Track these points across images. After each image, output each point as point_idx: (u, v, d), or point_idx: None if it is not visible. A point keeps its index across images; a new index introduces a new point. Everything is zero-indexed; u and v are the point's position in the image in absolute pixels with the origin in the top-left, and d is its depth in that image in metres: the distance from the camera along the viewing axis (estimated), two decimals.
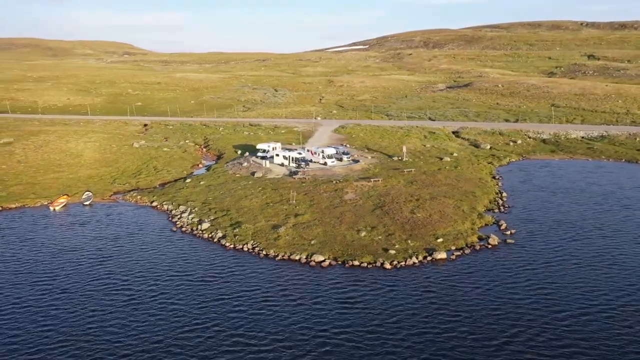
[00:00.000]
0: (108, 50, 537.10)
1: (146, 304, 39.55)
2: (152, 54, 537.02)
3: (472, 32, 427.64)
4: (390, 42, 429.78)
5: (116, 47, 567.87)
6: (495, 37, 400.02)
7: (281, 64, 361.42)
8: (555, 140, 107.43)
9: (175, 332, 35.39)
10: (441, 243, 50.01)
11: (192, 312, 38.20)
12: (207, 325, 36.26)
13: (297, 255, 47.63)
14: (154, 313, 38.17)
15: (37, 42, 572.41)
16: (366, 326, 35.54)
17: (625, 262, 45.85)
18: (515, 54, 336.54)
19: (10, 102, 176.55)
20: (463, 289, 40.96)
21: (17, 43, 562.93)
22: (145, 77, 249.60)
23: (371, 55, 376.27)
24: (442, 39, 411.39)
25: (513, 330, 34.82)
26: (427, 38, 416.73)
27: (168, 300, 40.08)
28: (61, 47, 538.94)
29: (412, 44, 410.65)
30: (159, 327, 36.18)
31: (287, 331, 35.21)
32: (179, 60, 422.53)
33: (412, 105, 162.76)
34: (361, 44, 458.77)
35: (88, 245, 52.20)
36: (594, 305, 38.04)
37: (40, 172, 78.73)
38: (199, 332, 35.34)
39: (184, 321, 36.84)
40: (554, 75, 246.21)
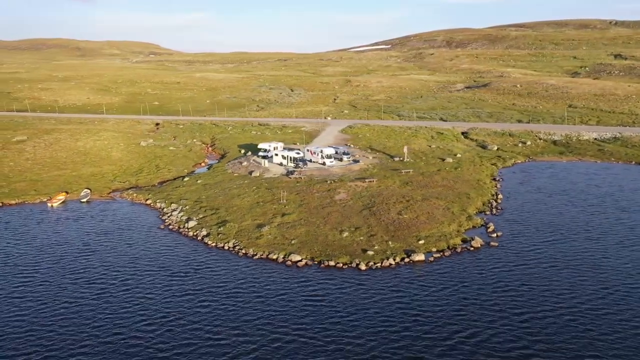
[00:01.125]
0: (134, 50, 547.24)
1: (117, 297, 40.58)
2: (177, 53, 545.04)
3: (496, 31, 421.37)
4: (413, 42, 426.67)
5: (142, 47, 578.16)
6: (519, 36, 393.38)
7: (302, 64, 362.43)
8: (566, 142, 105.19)
9: (138, 325, 36.22)
10: (422, 245, 49.56)
11: (158, 305, 39.00)
12: (169, 318, 37.01)
13: (275, 254, 47.84)
14: (122, 306, 39.10)
15: (67, 42, 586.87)
16: (323, 323, 35.71)
17: (605, 265, 44.92)
18: (539, 54, 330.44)
19: (33, 100, 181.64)
20: (431, 290, 40.61)
21: (47, 43, 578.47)
22: (165, 77, 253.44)
23: (392, 55, 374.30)
24: (465, 38, 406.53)
25: (470, 330, 34.47)
26: (450, 37, 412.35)
27: (138, 294, 41.01)
28: (89, 47, 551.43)
29: (435, 43, 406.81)
30: (124, 319, 37.08)
31: (246, 326, 35.66)
32: (203, 60, 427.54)
33: (426, 106, 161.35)
34: (383, 44, 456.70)
35: (76, 240, 53.64)
36: (558, 308, 37.46)
37: (45, 170, 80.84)
38: (159, 325, 36.07)
39: (148, 314, 37.65)
40: (577, 76, 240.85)
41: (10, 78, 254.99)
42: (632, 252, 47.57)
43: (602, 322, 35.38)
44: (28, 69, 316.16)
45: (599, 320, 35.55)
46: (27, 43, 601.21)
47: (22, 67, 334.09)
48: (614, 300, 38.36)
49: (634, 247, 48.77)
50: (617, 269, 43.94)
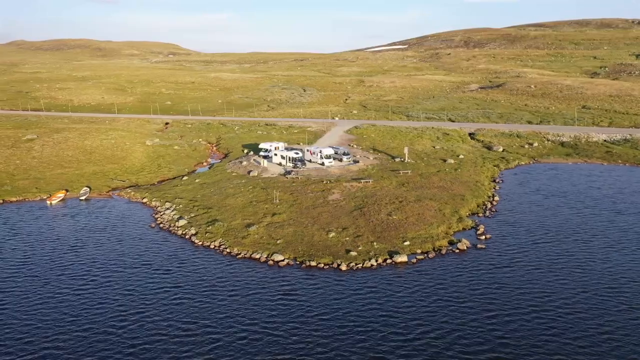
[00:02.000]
0: (154, 51, 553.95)
1: (97, 291, 41.57)
2: (195, 54, 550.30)
3: (515, 31, 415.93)
4: (430, 42, 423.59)
5: (162, 48, 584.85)
6: (539, 36, 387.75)
7: (318, 64, 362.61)
8: (574, 144, 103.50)
9: (112, 319, 37.05)
10: (407, 246, 49.29)
11: (136, 301, 39.88)
12: (144, 313, 37.76)
13: (258, 254, 48.07)
14: (101, 300, 40.05)
15: (88, 42, 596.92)
16: (293, 322, 36.01)
17: (589, 267, 44.49)
18: (558, 54, 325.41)
19: (49, 100, 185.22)
20: (408, 291, 40.45)
21: (69, 43, 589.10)
22: (180, 77, 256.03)
23: (408, 55, 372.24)
24: (484, 38, 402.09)
25: (438, 331, 34.41)
26: (468, 37, 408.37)
27: (118, 289, 41.93)
28: (110, 47, 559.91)
29: (452, 43, 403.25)
30: (100, 313, 37.90)
31: (217, 322, 36.24)
32: (220, 60, 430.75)
33: (436, 106, 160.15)
34: (400, 44, 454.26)
35: (67, 236, 54.81)
36: (528, 308, 37.38)
37: (49, 168, 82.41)
38: (133, 319, 36.86)
39: (123, 309, 38.56)
40: (597, 76, 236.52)
41: (30, 78, 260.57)
42: (619, 255, 46.86)
43: (572, 324, 35.08)
44: (49, 69, 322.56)
45: (569, 323, 35.23)
46: (50, 43, 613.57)
47: (44, 67, 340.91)
48: (589, 303, 37.92)
49: (622, 250, 48.07)
50: (600, 272, 43.39)
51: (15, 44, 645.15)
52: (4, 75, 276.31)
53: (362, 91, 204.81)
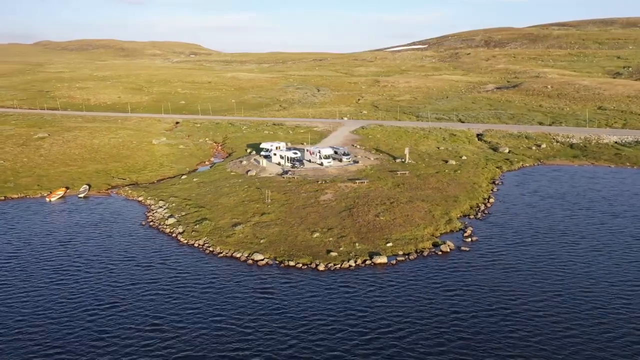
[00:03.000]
0: (176, 51, 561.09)
1: (75, 284, 42.96)
2: (216, 54, 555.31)
3: (537, 30, 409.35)
4: (450, 42, 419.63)
5: (184, 48, 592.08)
6: (562, 35, 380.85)
7: (336, 64, 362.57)
8: (584, 145, 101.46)
9: (85, 311, 38.13)
10: (390, 247, 49.01)
11: (110, 293, 41.18)
12: (117, 307, 38.79)
13: (239, 253, 48.37)
14: (79, 292, 41.36)
15: (112, 42, 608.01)
16: (256, 318, 36.60)
17: (569, 270, 43.89)
18: (580, 53, 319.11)
19: (67, 99, 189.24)
20: (378, 292, 40.33)
21: (94, 44, 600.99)
22: (198, 77, 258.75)
23: (427, 55, 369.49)
24: (505, 37, 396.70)
25: (400, 331, 34.30)
26: (489, 37, 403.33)
27: (96, 282, 43.21)
28: (133, 47, 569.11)
29: (473, 43, 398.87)
30: (74, 305, 39.08)
31: (186, 316, 37.13)
32: (240, 60, 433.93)
33: (448, 107, 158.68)
34: (420, 44, 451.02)
35: (59, 232, 56.28)
36: (498, 309, 37.20)
37: (54, 166, 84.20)
38: (106, 312, 37.93)
39: (97, 302, 39.64)
40: (619, 76, 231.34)
41: (53, 77, 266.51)
42: (604, 258, 46.14)
43: (537, 326, 34.85)
44: (72, 69, 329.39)
45: (534, 325, 35.00)
46: (76, 44, 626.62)
47: (68, 67, 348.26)
48: (560, 306, 37.48)
49: (608, 253, 47.22)
50: (580, 275, 42.81)
51: (42, 44, 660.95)
52: (28, 75, 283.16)
53: (375, 91, 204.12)
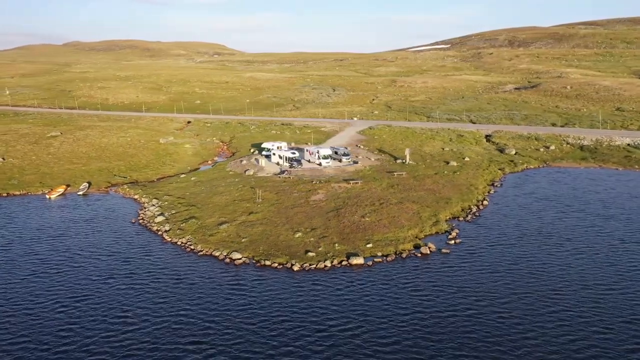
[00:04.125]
0: (200, 51, 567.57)
1: (55, 276, 44.24)
2: (240, 54, 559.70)
3: (563, 29, 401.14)
4: (473, 41, 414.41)
5: (208, 48, 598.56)
6: (588, 34, 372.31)
7: (356, 64, 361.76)
8: (594, 147, 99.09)
9: (58, 301, 39.38)
10: (369, 248, 48.78)
11: (86, 285, 42.45)
12: (89, 296, 40.31)
13: (219, 252, 48.78)
14: (55, 284, 42.66)
15: (138, 43, 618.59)
16: (218, 314, 37.18)
17: (545, 273, 43.16)
18: (607, 53, 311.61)
19: (87, 99, 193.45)
20: (346, 292, 40.22)
21: (120, 44, 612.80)
22: (216, 77, 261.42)
23: (449, 54, 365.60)
24: (530, 37, 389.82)
25: (355, 330, 34.26)
26: (513, 36, 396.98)
27: (75, 275, 44.46)
28: (158, 47, 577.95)
29: (496, 42, 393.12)
30: (49, 297, 40.28)
31: (150, 307, 38.29)
32: (261, 60, 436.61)
33: (462, 107, 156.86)
34: (443, 43, 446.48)
35: (51, 227, 57.76)
36: (460, 309, 37.01)
37: (59, 164, 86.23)
38: (77, 304, 39.09)
39: (70, 293, 40.88)
40: None
41: (77, 77, 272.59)
42: (583, 260, 45.56)
43: (494, 325, 34.74)
44: (97, 69, 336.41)
45: (495, 327, 34.71)
46: (103, 44, 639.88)
47: (94, 67, 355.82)
48: (525, 308, 37.11)
49: (589, 255, 46.52)
50: (555, 277, 42.20)
51: (71, 45, 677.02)
52: (53, 75, 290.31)
53: (391, 91, 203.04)
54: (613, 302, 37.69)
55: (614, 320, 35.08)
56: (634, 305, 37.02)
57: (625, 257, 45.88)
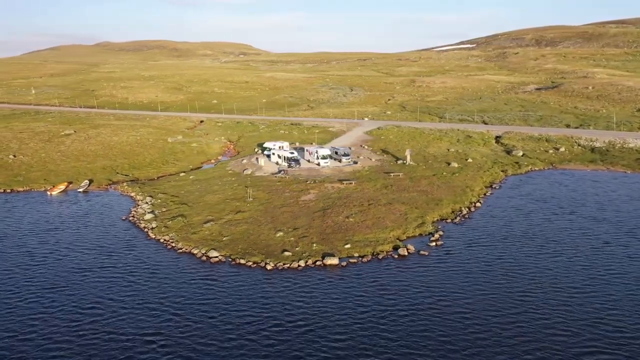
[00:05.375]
0: (226, 51, 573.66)
1: (34, 267, 46.31)
2: (265, 54, 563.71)
3: (593, 28, 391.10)
4: (499, 41, 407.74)
5: (234, 48, 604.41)
6: (619, 33, 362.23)
7: (379, 64, 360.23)
8: (606, 149, 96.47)
9: (29, 292, 41.20)
10: (347, 249, 48.59)
11: (62, 277, 44.10)
12: (64, 287, 41.94)
13: (197, 250, 49.32)
14: (34, 275, 44.65)
15: (166, 43, 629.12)
16: (180, 306, 38.34)
17: (518, 275, 42.76)
18: (638, 52, 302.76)
19: (108, 98, 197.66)
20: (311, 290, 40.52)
21: (149, 44, 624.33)
22: (237, 77, 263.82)
23: (474, 54, 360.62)
24: (557, 36, 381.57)
25: (314, 326, 34.58)
26: (540, 36, 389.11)
27: (53, 267, 46.40)
28: (186, 48, 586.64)
29: (522, 42, 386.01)
30: (27, 287, 42.22)
31: (119, 299, 39.83)
32: (285, 60, 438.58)
33: (477, 108, 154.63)
34: (469, 43, 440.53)
35: (46, 221, 59.75)
36: (421, 309, 37.10)
37: (66, 161, 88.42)
38: (49, 292, 41.10)
39: (47, 284, 42.82)
40: None
41: (103, 77, 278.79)
42: (560, 262, 44.91)
43: (451, 325, 34.80)
44: (123, 69, 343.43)
45: (451, 323, 35.05)
46: (132, 45, 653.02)
47: (121, 67, 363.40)
48: (488, 306, 37.17)
49: (569, 258, 45.96)
50: (526, 280, 41.77)
51: (102, 45, 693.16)
52: (80, 75, 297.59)
53: (408, 91, 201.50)
54: (580, 304, 37.10)
55: (576, 322, 34.63)
56: (601, 309, 36.31)
57: (604, 260, 45.13)
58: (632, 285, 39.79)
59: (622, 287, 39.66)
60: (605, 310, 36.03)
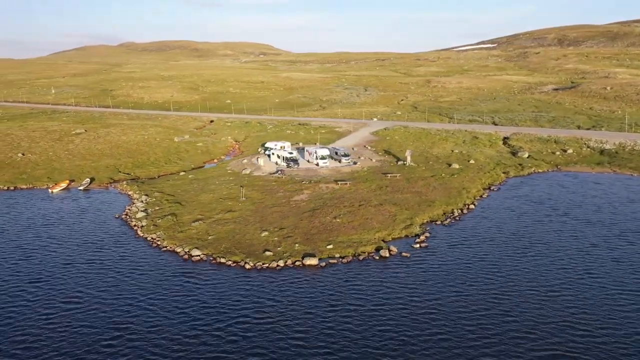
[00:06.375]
0: (246, 51, 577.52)
1: (19, 261, 47.53)
2: (285, 54, 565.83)
3: (618, 27, 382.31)
4: (521, 40, 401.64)
5: (254, 48, 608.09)
6: None
7: (397, 64, 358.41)
8: (615, 151, 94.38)
9: (12, 284, 42.54)
10: (329, 249, 48.50)
11: (45, 270, 45.41)
12: (46, 279, 43.39)
13: (180, 248, 49.83)
14: (20, 268, 46.00)
15: (187, 43, 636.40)
16: (151, 304, 38.74)
17: (496, 275, 42.48)
18: None
19: (124, 98, 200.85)
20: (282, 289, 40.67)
21: (170, 45, 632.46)
22: (253, 77, 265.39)
23: (494, 54, 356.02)
24: (581, 35, 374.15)
25: (281, 329, 34.59)
26: (563, 35, 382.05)
27: (37, 260, 47.64)
28: (207, 48, 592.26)
29: (545, 41, 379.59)
30: (13, 279, 43.66)
31: (94, 293, 40.80)
32: (304, 60, 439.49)
33: (490, 108, 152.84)
34: (489, 43, 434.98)
35: (42, 217, 61.16)
36: (386, 309, 37.06)
37: (72, 160, 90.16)
38: (30, 285, 42.36)
39: (33, 275, 44.31)
40: None
41: (122, 77, 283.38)
42: (541, 264, 44.34)
43: (412, 325, 34.84)
44: (144, 69, 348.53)
45: (410, 323, 35.08)
46: (154, 45, 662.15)
47: (142, 67, 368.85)
48: (451, 307, 36.97)
49: (552, 261, 45.10)
50: (502, 278, 41.60)
51: (125, 45, 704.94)
52: (101, 75, 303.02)
53: (423, 92, 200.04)
54: (553, 306, 36.59)
55: (544, 325, 34.18)
56: (574, 312, 35.75)
57: (587, 262, 44.45)
58: (609, 289, 38.93)
59: (598, 290, 38.87)
60: (577, 314, 35.36)
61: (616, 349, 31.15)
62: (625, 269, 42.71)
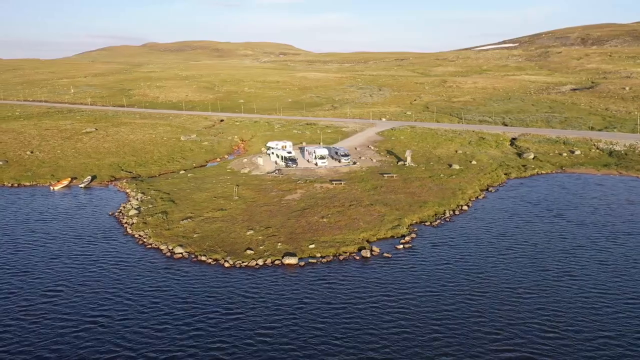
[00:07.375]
0: (266, 51, 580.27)
1: (8, 255, 48.91)
2: (305, 53, 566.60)
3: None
4: (543, 40, 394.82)
5: (275, 48, 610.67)
6: None
7: (416, 64, 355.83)
8: (624, 153, 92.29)
9: (7, 272, 44.46)
10: (310, 249, 48.39)
11: (32, 262, 46.93)
12: (27, 272, 44.87)
13: (164, 245, 50.32)
14: (10, 260, 47.76)
15: (208, 44, 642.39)
16: (132, 294, 40.24)
17: (475, 276, 42.03)
18: None
19: (140, 97, 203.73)
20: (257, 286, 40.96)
21: (192, 45, 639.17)
22: (270, 76, 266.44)
23: (514, 54, 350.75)
24: (605, 34, 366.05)
25: (244, 325, 34.89)
26: (586, 34, 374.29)
27: (25, 254, 49.33)
28: (227, 48, 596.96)
29: (567, 41, 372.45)
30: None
31: (74, 284, 42.14)
32: (323, 60, 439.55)
33: (502, 109, 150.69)
34: (510, 42, 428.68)
35: (39, 213, 62.81)
36: (354, 308, 36.98)
37: (77, 158, 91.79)
38: (16, 276, 43.98)
39: (21, 266, 46.02)
40: None
41: (142, 77, 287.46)
42: (521, 264, 43.73)
43: (378, 323, 34.76)
44: (164, 69, 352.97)
45: (375, 321, 35.12)
46: (176, 45, 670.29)
47: (162, 67, 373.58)
48: (422, 307, 36.92)
49: (531, 261, 44.74)
50: (482, 278, 41.28)
51: (148, 45, 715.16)
52: (121, 75, 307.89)
53: (437, 92, 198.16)
54: (527, 307, 36.17)
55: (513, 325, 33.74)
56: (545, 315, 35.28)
57: (570, 264, 44.02)
58: (587, 291, 38.14)
59: (575, 292, 38.08)
60: (549, 316, 34.79)
61: (579, 351, 30.48)
62: (608, 271, 41.77)
